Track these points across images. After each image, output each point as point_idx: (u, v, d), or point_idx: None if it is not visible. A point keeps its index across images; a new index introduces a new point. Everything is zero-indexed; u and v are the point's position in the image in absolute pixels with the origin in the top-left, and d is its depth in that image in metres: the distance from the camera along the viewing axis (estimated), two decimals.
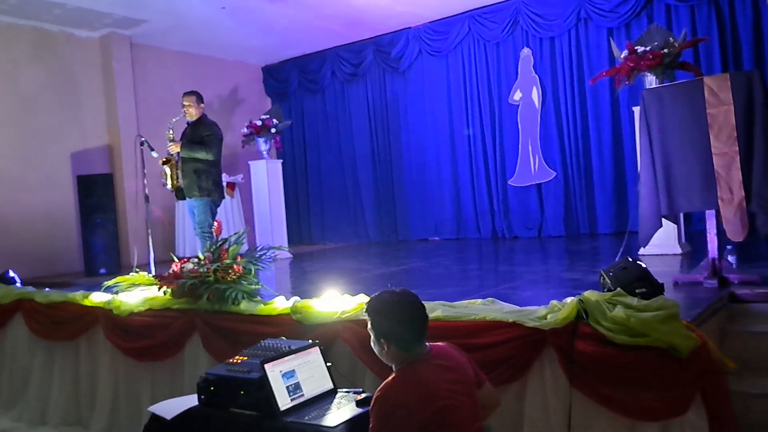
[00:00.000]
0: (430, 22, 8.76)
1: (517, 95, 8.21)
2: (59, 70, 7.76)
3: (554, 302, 2.85)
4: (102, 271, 6.95)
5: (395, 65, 9.13)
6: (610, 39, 6.74)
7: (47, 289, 5.11)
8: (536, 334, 2.73)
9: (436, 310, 3.01)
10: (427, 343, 2.33)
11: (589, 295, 2.73)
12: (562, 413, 2.65)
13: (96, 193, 7.16)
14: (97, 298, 4.40)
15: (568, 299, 2.84)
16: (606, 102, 7.60)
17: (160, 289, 3.99)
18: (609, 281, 2.93)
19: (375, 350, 2.31)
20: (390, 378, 2.21)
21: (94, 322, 4.29)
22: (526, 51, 8.15)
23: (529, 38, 8.13)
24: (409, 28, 8.91)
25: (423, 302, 2.34)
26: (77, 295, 4.58)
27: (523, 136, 8.17)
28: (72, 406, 4.40)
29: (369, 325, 2.32)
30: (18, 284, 5.46)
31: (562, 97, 7.95)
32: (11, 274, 5.55)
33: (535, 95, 8.09)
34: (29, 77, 7.47)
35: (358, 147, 9.59)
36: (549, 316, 2.77)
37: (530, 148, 8.13)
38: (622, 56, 5.32)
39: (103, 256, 7.09)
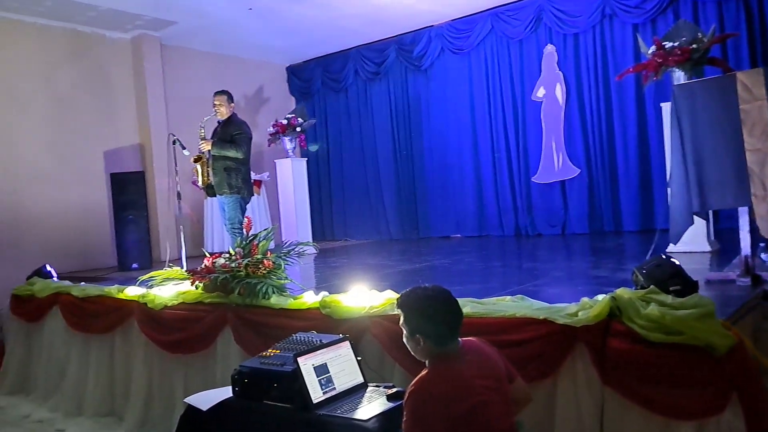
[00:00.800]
0: (452, 21, 8.69)
1: (541, 92, 8.12)
2: (93, 71, 7.85)
3: (585, 299, 2.80)
4: (134, 266, 7.03)
5: (417, 64, 9.07)
6: (637, 35, 6.62)
7: (83, 283, 5.17)
8: (567, 331, 2.68)
9: (464, 306, 2.95)
10: (459, 339, 2.31)
11: (622, 292, 2.67)
12: (594, 410, 2.60)
13: (128, 190, 7.23)
14: (131, 291, 4.44)
15: (600, 296, 2.78)
16: (631, 98, 7.47)
17: (192, 283, 4.00)
18: (642, 278, 2.87)
19: (408, 346, 2.28)
20: (424, 372, 2.19)
21: (128, 315, 4.33)
22: (549, 48, 8.05)
23: (552, 35, 8.02)
24: (432, 26, 8.86)
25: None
26: (112, 289, 4.63)
27: (547, 133, 8.07)
28: (107, 398, 4.45)
29: (402, 321, 2.29)
30: (54, 278, 5.53)
31: (587, 94, 7.83)
32: (48, 268, 5.62)
33: (559, 92, 7.98)
34: (64, 78, 7.56)
35: (380, 145, 9.56)
36: (580, 313, 2.72)
37: (554, 144, 8.03)
38: (650, 52, 5.21)
39: (135, 252, 7.16)
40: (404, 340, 2.30)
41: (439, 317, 2.21)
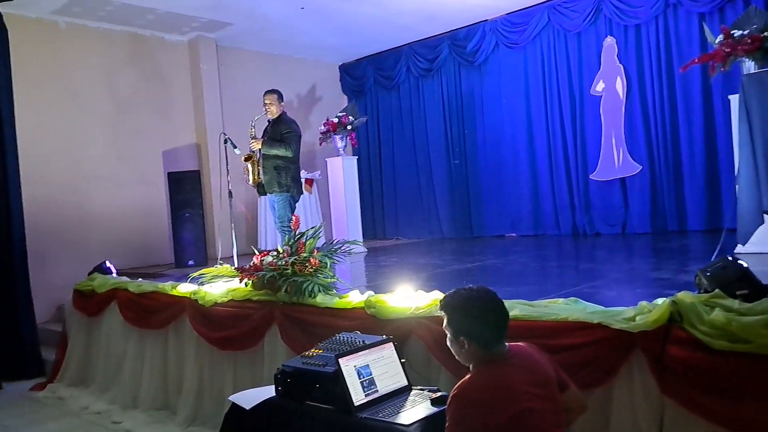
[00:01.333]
0: (507, 14, 8.50)
1: (600, 86, 7.83)
2: (151, 73, 8.08)
3: (643, 303, 2.63)
4: (190, 262, 7.19)
5: (471, 59, 8.92)
6: (704, 24, 6.29)
7: (140, 279, 5.31)
8: (624, 336, 2.52)
9: (513, 308, 2.84)
10: (506, 343, 2.21)
11: (684, 296, 2.50)
12: (652, 421, 2.44)
13: (185, 188, 7.41)
14: (183, 288, 4.52)
15: (659, 300, 2.61)
16: (697, 91, 7.12)
17: (241, 280, 4.03)
18: (706, 282, 2.67)
19: (452, 349, 2.20)
20: (467, 377, 2.10)
21: (181, 311, 4.39)
22: (609, 40, 7.75)
23: (612, 26, 7.73)
24: (486, 20, 8.69)
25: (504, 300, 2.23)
26: (166, 286, 4.72)
27: (606, 128, 7.79)
28: (161, 392, 4.53)
29: (445, 323, 2.21)
30: (113, 274, 5.70)
31: (649, 87, 7.51)
32: (107, 264, 5.79)
33: (620, 85, 7.68)
34: (124, 80, 7.81)
35: (433, 142, 9.47)
36: (638, 318, 2.56)
37: (614, 140, 7.73)
38: (717, 42, 4.93)
39: (192, 249, 7.33)
40: (448, 343, 2.22)
41: (483, 319, 2.12)
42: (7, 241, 5.81)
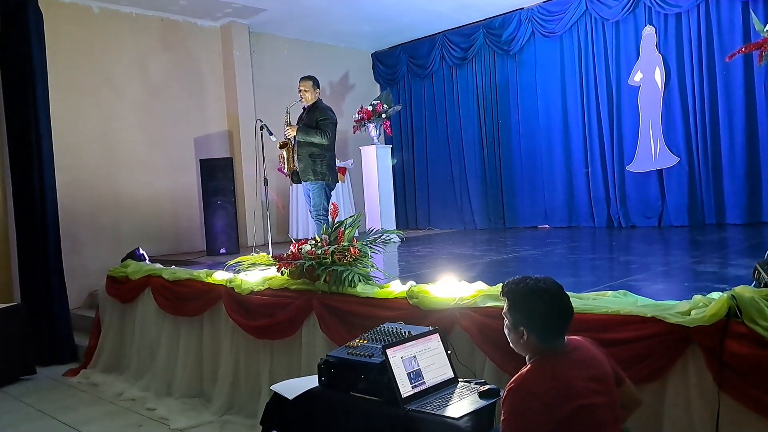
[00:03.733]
0: (543, 2, 8.36)
1: (638, 76, 7.66)
2: (184, 59, 8.11)
3: (698, 297, 2.56)
4: (222, 250, 7.23)
5: (506, 48, 8.80)
6: (752, 11, 6.09)
7: (173, 266, 5.33)
8: (679, 331, 2.45)
9: None
10: (566, 338, 2.16)
11: (743, 290, 2.41)
12: (707, 418, 2.37)
13: (217, 176, 7.43)
14: (219, 276, 4.52)
15: (715, 294, 2.54)
16: (738, 82, 6.94)
17: (278, 269, 4.02)
18: (766, 275, 2.59)
19: (509, 337, 2.14)
20: (525, 369, 2.05)
21: (216, 299, 4.40)
22: (648, 29, 7.57)
23: (652, 15, 7.55)
24: (522, 9, 8.55)
25: None
26: (201, 273, 4.73)
27: (644, 119, 7.62)
28: (195, 380, 4.55)
29: (506, 309, 2.15)
30: (146, 261, 5.74)
31: (689, 78, 7.33)
32: (140, 251, 5.84)
33: (658, 76, 7.51)
34: (157, 66, 7.84)
35: (466, 132, 9.37)
36: (693, 312, 2.49)
37: (651, 132, 7.57)
38: (766, 30, 4.75)
39: (224, 236, 7.36)
40: (505, 329, 2.16)
41: (549, 313, 2.06)
42: (42, 226, 5.88)
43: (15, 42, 5.95)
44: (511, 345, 2.16)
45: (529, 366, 2.05)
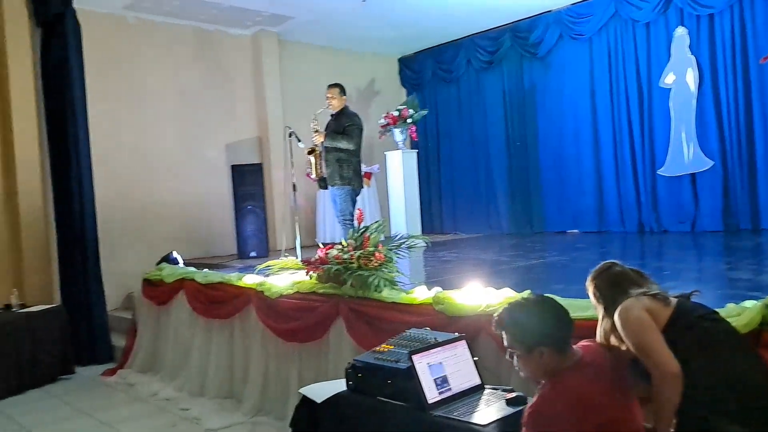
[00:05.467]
0: (571, 5, 8.28)
1: (669, 78, 7.54)
2: (215, 67, 8.25)
3: (731, 305, 2.52)
4: (252, 254, 7.33)
5: (534, 51, 8.74)
6: None
7: (206, 269, 5.43)
8: None
9: (588, 309, 2.77)
10: (576, 348, 2.16)
11: None
12: None
13: (247, 181, 7.55)
14: (249, 279, 4.59)
15: (748, 303, 2.49)
16: None
17: (306, 273, 4.07)
18: None
19: (527, 369, 2.12)
20: (542, 390, 2.04)
21: (247, 302, 4.47)
22: (680, 30, 7.44)
23: (684, 16, 7.42)
24: (549, 11, 8.48)
25: (573, 299, 2.21)
26: (232, 276, 4.82)
27: (676, 122, 7.50)
28: (227, 381, 4.63)
29: (509, 342, 2.14)
30: (180, 264, 5.86)
31: (722, 80, 7.19)
32: (174, 254, 5.96)
33: (691, 78, 7.38)
34: (189, 74, 8.00)
35: (492, 136, 9.33)
36: None
37: (683, 135, 7.44)
38: None
39: (254, 240, 7.46)
40: (520, 364, 2.13)
41: (554, 320, 2.09)
42: (80, 231, 6.05)
43: (54, 52, 6.13)
44: (529, 376, 2.15)
45: (545, 387, 2.04)
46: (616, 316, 2.19)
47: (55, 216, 6.25)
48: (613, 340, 2.22)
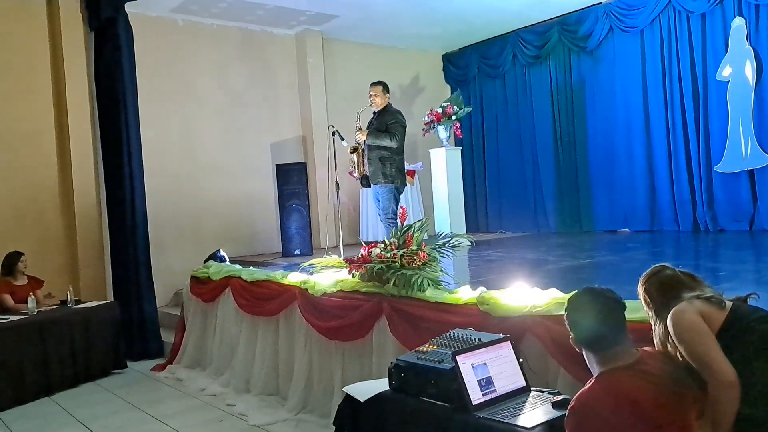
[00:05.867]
0: None
1: (727, 71, 7.27)
2: (261, 68, 8.39)
3: None
4: (297, 252, 7.43)
5: (583, 44, 8.57)
6: None
7: (251, 267, 5.53)
8: None
9: (640, 309, 2.70)
10: (636, 348, 2.08)
11: None
12: None
13: (292, 180, 7.65)
14: (294, 277, 4.65)
15: None
16: None
17: (349, 272, 4.09)
18: None
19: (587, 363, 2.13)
20: (586, 386, 2.00)
21: (291, 300, 4.53)
22: (738, 21, 7.17)
23: (741, 6, 7.16)
24: (599, 3, 8.31)
25: (623, 300, 2.13)
26: (277, 274, 4.89)
27: (733, 116, 7.23)
28: (272, 378, 4.70)
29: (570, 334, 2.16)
30: (227, 262, 5.98)
31: None
32: (221, 252, 6.09)
33: (749, 70, 7.10)
34: (235, 74, 8.16)
35: (540, 132, 9.20)
36: None
37: (741, 129, 7.17)
38: None
39: (298, 238, 7.56)
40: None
41: (592, 314, 2.05)
42: (132, 229, 6.25)
43: (107, 55, 6.35)
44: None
45: (591, 382, 1.99)
46: (668, 321, 2.12)
47: (108, 214, 6.48)
48: (669, 348, 2.16)
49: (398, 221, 4.14)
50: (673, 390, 1.97)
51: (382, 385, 2.76)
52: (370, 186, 6.13)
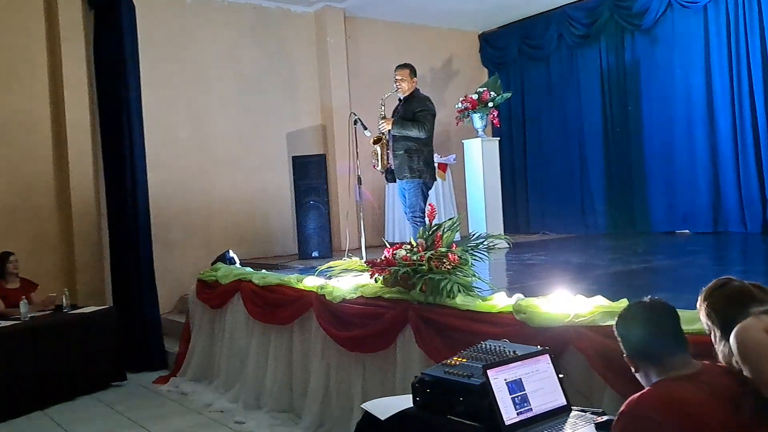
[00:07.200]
0: None
1: None
2: (276, 49, 8.45)
3: None
4: (315, 254, 7.47)
5: (637, 22, 8.48)
6: None
7: (264, 270, 5.57)
8: None
9: (696, 322, 2.66)
10: (697, 361, 2.08)
11: None
12: None
13: (310, 174, 7.67)
14: (310, 282, 4.68)
15: None
16: None
17: (371, 276, 4.10)
18: None
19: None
20: (642, 391, 2.01)
21: (307, 306, 4.56)
22: None
23: None
24: None
25: (681, 311, 2.16)
26: (291, 278, 4.93)
27: None
28: (285, 393, 4.73)
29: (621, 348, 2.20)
30: (237, 264, 6.04)
31: None
32: (231, 254, 6.15)
33: None
34: (248, 57, 8.22)
35: (588, 121, 9.13)
36: None
37: None
38: None
39: (316, 239, 7.59)
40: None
41: (644, 326, 2.10)
42: (134, 227, 6.36)
43: (108, 37, 6.48)
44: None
45: (646, 389, 2.01)
46: (732, 338, 2.09)
47: (108, 211, 6.59)
48: (735, 367, 2.13)
49: (426, 220, 4.13)
50: (734, 408, 1.95)
51: (405, 401, 2.75)
52: (395, 181, 6.14)
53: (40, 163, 6.64)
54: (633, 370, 2.15)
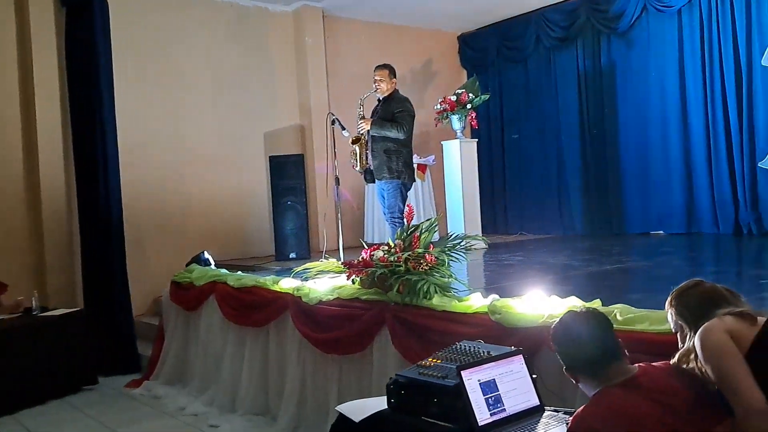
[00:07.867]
0: None
1: None
2: (254, 48, 8.40)
3: None
4: (292, 255, 7.44)
5: (613, 25, 8.57)
6: None
7: (239, 272, 5.54)
8: None
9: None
10: (633, 365, 2.16)
11: None
12: None
13: (287, 174, 7.64)
14: (286, 284, 4.66)
15: None
16: None
17: (348, 277, 4.10)
18: None
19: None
20: (584, 405, 2.08)
21: (283, 308, 4.54)
22: None
23: None
24: None
25: (651, 311, 2.23)
26: (267, 280, 4.90)
27: None
28: (260, 395, 4.71)
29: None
30: (212, 266, 6.00)
31: None
32: (206, 255, 6.10)
33: None
34: (227, 56, 8.15)
35: (565, 123, 9.21)
36: None
37: None
38: None
39: (294, 240, 7.56)
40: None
41: (575, 341, 2.20)
42: (106, 227, 6.28)
43: (80, 34, 6.39)
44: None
45: (589, 401, 2.06)
46: (696, 339, 2.14)
47: (79, 211, 6.50)
48: (692, 365, 2.17)
49: (405, 221, 4.15)
50: (671, 407, 2.02)
51: (380, 403, 2.76)
52: (374, 181, 6.15)
53: (9, 162, 6.51)
54: (573, 381, 2.23)
